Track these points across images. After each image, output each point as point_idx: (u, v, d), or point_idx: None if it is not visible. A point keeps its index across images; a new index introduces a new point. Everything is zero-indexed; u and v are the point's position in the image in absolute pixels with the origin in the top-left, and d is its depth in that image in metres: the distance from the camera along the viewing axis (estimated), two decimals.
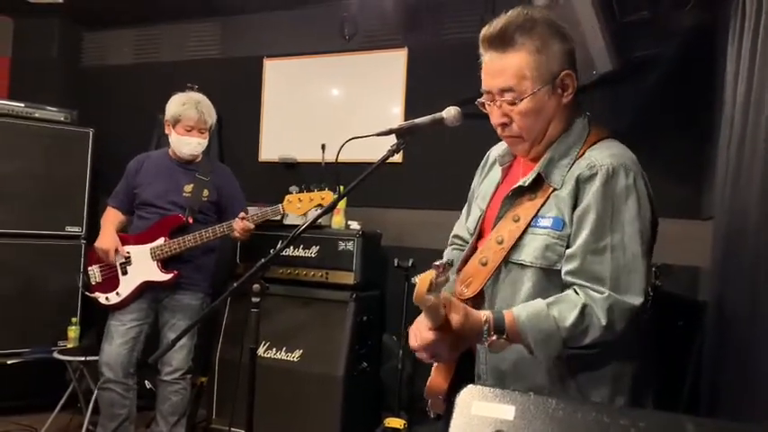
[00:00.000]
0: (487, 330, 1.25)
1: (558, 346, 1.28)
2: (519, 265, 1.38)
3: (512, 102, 1.36)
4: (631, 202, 1.32)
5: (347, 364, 3.09)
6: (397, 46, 3.79)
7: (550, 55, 1.36)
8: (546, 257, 1.35)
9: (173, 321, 2.99)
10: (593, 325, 1.27)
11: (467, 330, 1.25)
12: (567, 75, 1.38)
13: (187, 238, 2.90)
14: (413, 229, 3.66)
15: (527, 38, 1.34)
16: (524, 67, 1.34)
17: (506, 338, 1.26)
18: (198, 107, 3.01)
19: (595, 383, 1.36)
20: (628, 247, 1.30)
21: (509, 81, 1.35)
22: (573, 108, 1.44)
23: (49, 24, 4.45)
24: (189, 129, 3.02)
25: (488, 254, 1.42)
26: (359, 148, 2.29)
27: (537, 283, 1.36)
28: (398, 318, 3.37)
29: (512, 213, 1.42)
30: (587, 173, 1.34)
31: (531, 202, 1.40)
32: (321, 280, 3.27)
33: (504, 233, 1.41)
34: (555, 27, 1.38)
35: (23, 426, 3.54)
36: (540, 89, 1.35)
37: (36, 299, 3.86)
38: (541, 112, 1.38)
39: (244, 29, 4.23)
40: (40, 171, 3.89)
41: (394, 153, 1.82)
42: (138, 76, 4.48)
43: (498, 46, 1.36)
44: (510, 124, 1.40)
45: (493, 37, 1.37)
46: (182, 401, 3.02)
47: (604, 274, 1.29)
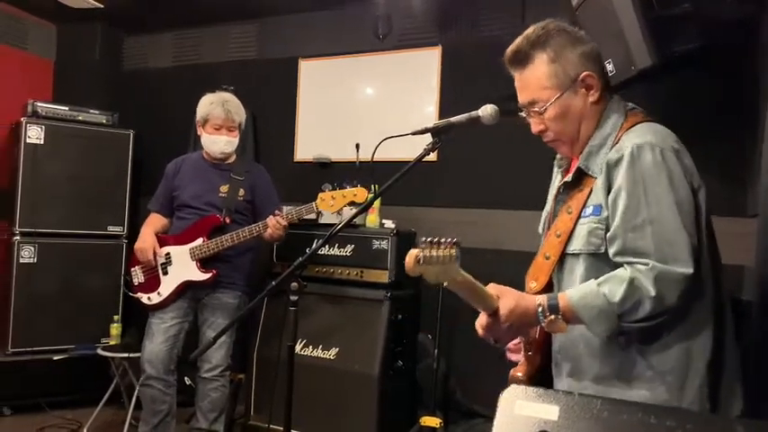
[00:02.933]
0: (542, 312, 1.34)
1: (613, 322, 1.32)
2: (573, 255, 1.47)
3: (540, 112, 1.49)
4: (662, 176, 1.36)
5: (383, 362, 3.09)
6: (430, 44, 3.78)
7: (566, 61, 1.46)
8: (591, 242, 1.42)
9: (212, 319, 3.04)
10: (643, 297, 1.30)
11: (521, 313, 1.35)
12: (587, 76, 1.47)
13: (224, 238, 2.95)
14: (447, 227, 3.64)
15: (541, 51, 1.47)
16: (542, 78, 1.47)
17: (561, 318, 1.34)
18: (225, 105, 3.05)
19: (668, 363, 1.38)
20: (666, 219, 1.34)
21: (532, 94, 1.49)
22: (606, 103, 1.51)
23: (92, 29, 4.56)
24: (217, 127, 3.06)
25: (550, 248, 1.52)
26: (393, 147, 2.30)
27: (588, 268, 1.44)
28: (433, 317, 3.36)
29: (565, 207, 1.52)
30: (615, 156, 1.41)
31: (579, 193, 1.49)
32: (356, 278, 3.28)
33: (560, 227, 1.50)
34: (568, 34, 1.50)
35: (69, 420, 3.64)
36: (561, 95, 1.46)
37: (80, 297, 3.97)
38: (568, 114, 1.48)
39: (280, 30, 4.27)
40: (83, 172, 4.00)
41: (430, 152, 1.84)
42: (177, 79, 4.55)
43: (518, 64, 1.51)
44: (546, 131, 1.52)
45: (512, 57, 1.52)
46: (221, 398, 3.06)
47: (647, 248, 1.33)
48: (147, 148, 4.28)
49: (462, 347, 3.54)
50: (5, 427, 3.57)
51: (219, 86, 3.45)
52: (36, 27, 4.50)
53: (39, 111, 3.93)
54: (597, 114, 1.50)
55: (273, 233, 2.92)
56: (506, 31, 3.61)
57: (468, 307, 3.78)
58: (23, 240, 3.81)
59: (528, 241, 1.71)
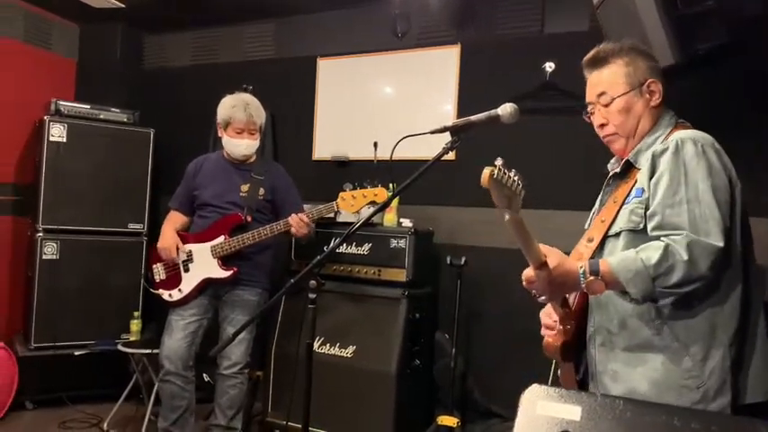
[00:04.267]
0: (584, 273, 1.45)
1: (648, 284, 1.43)
2: (613, 236, 1.63)
3: (607, 103, 1.69)
4: (702, 165, 1.51)
5: (400, 361, 3.09)
6: (449, 42, 3.77)
7: (637, 68, 1.68)
8: (631, 220, 1.58)
9: (232, 316, 3.06)
10: (676, 261, 1.42)
11: (563, 272, 1.45)
12: (652, 83, 1.68)
13: (246, 236, 2.96)
14: (465, 226, 3.63)
15: (618, 57, 1.70)
16: (617, 74, 1.69)
17: (601, 279, 1.45)
18: (247, 109, 3.07)
19: (692, 335, 1.50)
20: (702, 199, 1.48)
21: (604, 87, 1.70)
22: (661, 111, 1.71)
23: (113, 29, 4.60)
24: (239, 131, 3.08)
25: (593, 232, 1.68)
26: (411, 145, 2.30)
27: (627, 244, 1.57)
28: (451, 316, 3.36)
29: (612, 197, 1.70)
30: (660, 148, 1.59)
31: (625, 184, 1.67)
32: (373, 277, 3.28)
33: (605, 213, 1.67)
34: (640, 49, 1.73)
35: (89, 415, 3.70)
36: (629, 91, 1.67)
37: (100, 293, 4.01)
38: (631, 110, 1.67)
39: (297, 29, 4.28)
40: (105, 170, 4.04)
41: (449, 151, 1.84)
42: (196, 78, 4.59)
43: (595, 65, 1.73)
44: (607, 124, 1.70)
45: (591, 59, 1.74)
46: (239, 395, 3.08)
47: (682, 222, 1.47)
48: (167, 146, 4.32)
49: (480, 347, 3.54)
50: (28, 420, 3.63)
51: (238, 86, 3.47)
52: (60, 27, 4.56)
53: (61, 109, 3.98)
54: (654, 119, 1.69)
55: (298, 231, 2.93)
56: (525, 30, 3.60)
57: (485, 307, 3.76)
58: (46, 237, 3.86)
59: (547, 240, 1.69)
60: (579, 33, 3.38)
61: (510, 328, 3.32)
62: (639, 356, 1.55)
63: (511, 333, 3.31)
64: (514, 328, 3.19)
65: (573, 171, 3.31)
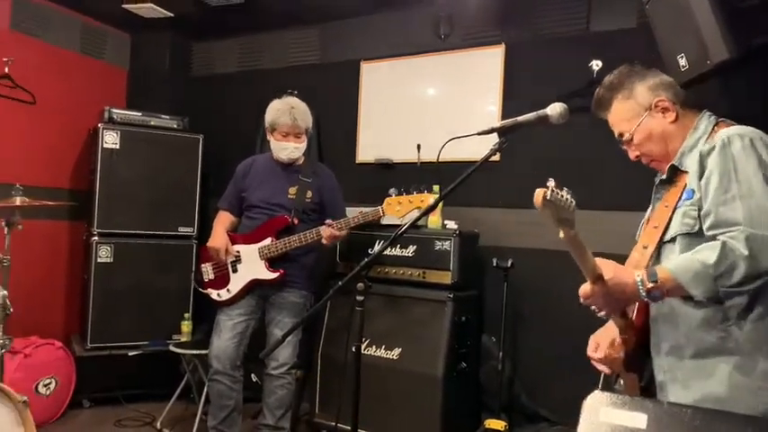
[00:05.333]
0: (641, 282, 1.41)
1: (710, 284, 1.39)
2: (669, 241, 1.60)
3: (629, 140, 1.72)
4: (751, 159, 1.48)
5: (446, 363, 3.08)
6: (493, 42, 3.74)
7: (637, 95, 1.71)
8: (685, 223, 1.55)
9: (278, 318, 3.10)
10: (737, 258, 1.37)
11: (620, 283, 1.41)
12: (659, 101, 1.68)
13: (292, 239, 3.00)
14: (511, 228, 3.60)
15: (616, 93, 1.74)
16: (622, 113, 1.73)
17: (660, 286, 1.41)
18: (292, 113, 3.10)
19: (763, 335, 1.46)
20: (756, 192, 1.44)
21: (619, 128, 1.75)
22: (689, 116, 1.69)
23: (162, 38, 4.73)
24: (285, 134, 3.12)
25: (647, 239, 1.64)
26: (456, 146, 2.29)
27: (683, 249, 1.54)
28: (497, 318, 3.33)
29: (662, 202, 1.67)
30: (707, 147, 1.56)
31: (674, 188, 1.65)
32: (418, 279, 3.28)
33: (657, 219, 1.64)
34: (637, 72, 1.74)
35: (143, 413, 3.80)
36: (640, 122, 1.69)
37: (153, 295, 4.12)
38: (652, 136, 1.69)
39: (341, 34, 4.32)
40: (155, 175, 4.15)
41: (496, 152, 1.82)
42: (243, 84, 4.68)
43: (603, 109, 1.78)
44: (641, 156, 1.74)
45: (597, 106, 1.79)
46: (287, 395, 3.12)
47: (738, 218, 1.43)
48: (215, 150, 4.41)
49: (527, 350, 3.50)
50: (86, 418, 3.75)
51: (283, 91, 3.52)
52: (112, 37, 4.71)
53: (114, 117, 4.11)
54: (681, 130, 1.68)
55: (328, 242, 2.99)
56: (571, 28, 3.54)
57: (532, 309, 3.72)
58: (101, 241, 3.99)
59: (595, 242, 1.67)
60: (626, 30, 3.31)
61: (558, 331, 3.27)
62: (710, 362, 1.50)
63: (558, 336, 3.27)
64: (562, 331, 3.15)
65: (623, 171, 3.24)
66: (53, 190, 4.12)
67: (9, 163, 3.90)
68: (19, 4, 4.03)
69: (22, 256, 2.96)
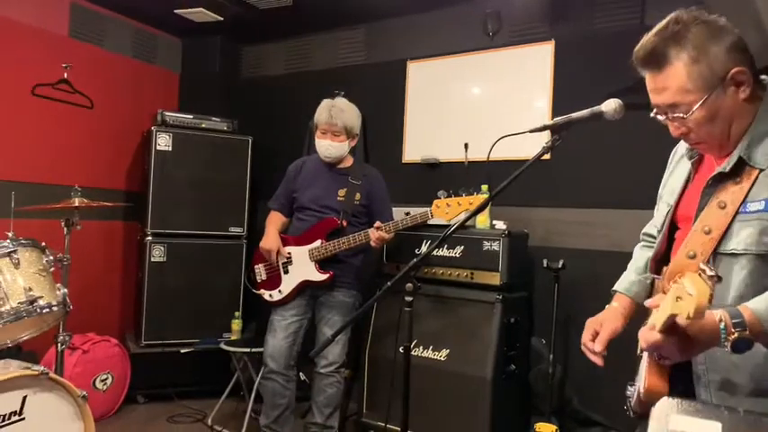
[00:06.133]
0: (725, 329, 1.11)
1: None
2: (729, 254, 1.29)
3: (682, 117, 1.31)
4: None
5: (495, 365, 3.03)
6: (542, 39, 3.68)
7: (710, 59, 1.28)
8: (764, 243, 1.25)
9: (328, 317, 3.12)
10: None
11: (697, 332, 1.13)
12: (737, 72, 1.28)
13: (342, 241, 3.02)
14: (561, 228, 3.53)
15: (680, 49, 1.28)
16: (684, 81, 1.28)
17: (749, 335, 1.11)
18: (331, 111, 3.11)
19: None
20: None
21: (672, 98, 1.31)
22: (755, 91, 1.33)
23: (212, 41, 4.82)
24: (324, 131, 3.13)
25: (695, 246, 1.32)
26: (504, 145, 2.25)
27: (754, 271, 1.26)
28: (548, 320, 3.27)
29: (716, 201, 1.32)
30: None
31: (736, 186, 1.31)
32: (466, 280, 3.24)
33: (710, 222, 1.31)
34: (708, 26, 1.30)
35: (195, 410, 3.87)
36: (707, 97, 1.28)
37: (204, 294, 4.20)
38: (717, 116, 1.31)
39: (387, 33, 4.32)
40: (207, 176, 4.23)
41: (549, 150, 1.77)
42: (290, 86, 4.73)
43: (652, 66, 1.32)
44: (688, 134, 1.36)
45: (645, 57, 1.33)
46: (336, 394, 3.14)
47: None
48: (264, 152, 4.48)
49: (578, 353, 3.40)
50: (140, 413, 3.85)
51: (330, 92, 3.55)
52: (164, 42, 4.83)
53: (167, 120, 4.21)
54: (751, 110, 1.33)
55: (376, 245, 2.99)
56: (624, 23, 3.45)
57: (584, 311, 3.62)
58: (154, 240, 4.09)
59: None
60: None
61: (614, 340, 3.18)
62: None
63: (613, 344, 3.18)
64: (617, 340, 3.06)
65: None
66: (109, 191, 4.25)
67: (68, 165, 4.05)
68: (77, 13, 4.18)
69: (80, 256, 3.06)
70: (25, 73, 3.82)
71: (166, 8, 4.25)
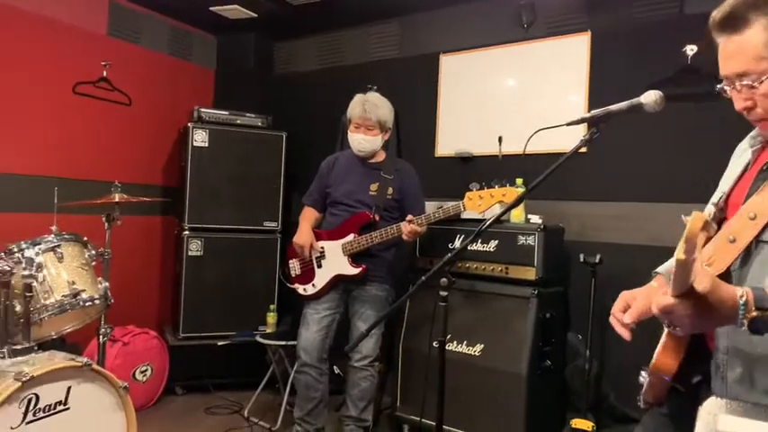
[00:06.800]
0: (745, 306, 1.05)
1: None
2: None
3: (751, 86, 1.26)
4: None
5: (530, 361, 3.00)
6: (578, 30, 3.62)
7: None
8: None
9: (362, 311, 3.13)
10: None
11: (715, 303, 1.05)
12: None
13: (374, 235, 3.02)
14: (598, 222, 3.47)
15: (760, 14, 1.23)
16: (759, 47, 1.23)
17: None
18: (364, 105, 3.12)
19: None
20: None
21: (744, 65, 1.25)
22: None
23: (246, 38, 4.87)
24: (357, 126, 3.14)
25: (738, 230, 1.27)
26: (539, 138, 2.22)
27: None
28: (584, 316, 3.22)
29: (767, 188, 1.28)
30: None
31: None
32: (501, 275, 3.21)
33: (757, 209, 1.26)
34: None
35: (231, 402, 3.93)
36: None
37: (240, 287, 4.27)
38: None
39: (420, 27, 4.30)
40: (242, 172, 4.29)
41: (587, 143, 1.75)
42: (323, 81, 4.75)
43: (729, 29, 1.27)
44: (754, 108, 1.29)
45: (722, 20, 1.28)
46: (370, 387, 3.16)
47: None
48: (297, 147, 4.51)
49: (615, 349, 3.37)
50: (179, 404, 3.93)
51: (363, 87, 3.54)
52: (199, 39, 4.90)
53: (203, 116, 4.28)
54: None
55: (408, 239, 2.97)
56: (663, 12, 3.36)
57: None
58: (191, 235, 4.16)
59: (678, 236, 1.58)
60: None
61: (647, 329, 3.12)
62: None
63: (649, 334, 3.12)
64: (652, 328, 3.00)
65: (720, 161, 3.06)
66: (147, 187, 4.34)
67: (108, 162, 4.14)
68: (115, 12, 4.26)
69: (120, 250, 3.13)
70: (66, 71, 3.92)
71: (201, 5, 4.31)
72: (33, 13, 3.76)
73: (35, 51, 3.76)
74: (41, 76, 3.80)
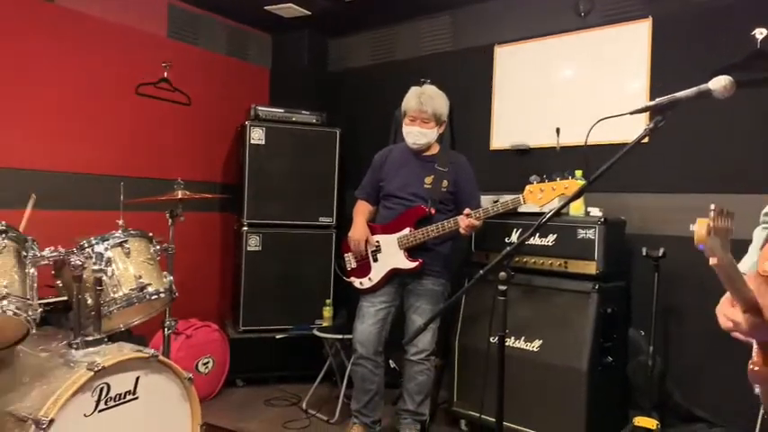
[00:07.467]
0: None
1: None
2: None
3: None
4: None
5: (591, 357, 2.93)
6: (639, 17, 3.50)
7: None
8: None
9: (417, 305, 3.13)
10: None
11: None
12: None
13: (430, 229, 3.01)
14: (661, 214, 3.36)
15: None
16: None
17: None
18: (420, 98, 3.10)
19: None
20: None
21: None
22: None
23: (300, 36, 4.93)
24: (412, 119, 3.13)
25: None
26: (597, 129, 2.16)
27: None
28: (647, 311, 3.13)
29: None
30: None
31: None
32: (560, 269, 3.15)
33: None
34: None
35: (290, 394, 4.00)
36: None
37: (297, 281, 4.33)
38: None
39: (474, 19, 4.25)
40: (297, 168, 4.35)
41: (652, 132, 1.69)
42: (376, 76, 4.76)
43: None
44: None
45: None
46: (427, 381, 3.16)
47: None
48: (351, 143, 4.54)
49: (680, 345, 3.26)
50: (239, 396, 4.02)
51: (416, 81, 3.53)
52: (255, 38, 4.99)
53: (260, 114, 4.35)
54: None
55: (466, 232, 2.94)
56: None
57: (686, 302, 3.46)
58: (250, 230, 4.25)
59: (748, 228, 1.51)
60: None
61: (714, 326, 3.00)
62: None
63: (715, 331, 2.99)
64: (719, 325, 2.89)
65: None
66: (206, 184, 4.45)
67: (170, 160, 4.28)
68: (174, 15, 4.38)
69: (183, 245, 3.22)
70: (129, 73, 4.06)
71: (256, 5, 4.38)
72: (101, 18, 3.91)
73: (101, 55, 3.91)
74: (107, 79, 3.95)
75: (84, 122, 3.84)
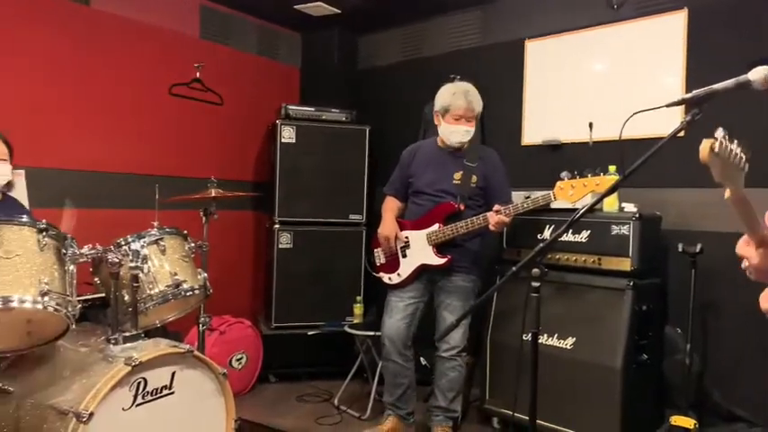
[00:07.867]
0: None
1: None
2: None
3: None
4: None
5: (626, 355, 2.89)
6: (673, 8, 3.42)
7: None
8: None
9: (448, 302, 3.12)
10: None
11: None
12: None
13: (460, 225, 3.00)
14: (698, 210, 3.29)
15: None
16: None
17: None
18: (467, 96, 3.08)
19: None
20: None
21: None
22: None
23: (330, 35, 4.95)
24: (457, 117, 3.10)
25: None
26: (631, 123, 2.12)
27: None
28: (684, 308, 3.07)
29: None
30: None
31: None
32: (593, 266, 3.10)
33: None
34: None
35: (322, 390, 4.03)
36: None
37: (327, 278, 4.36)
38: None
39: (504, 14, 4.22)
40: (328, 166, 4.37)
41: (688, 125, 1.66)
42: (405, 73, 4.75)
43: None
44: None
45: None
46: (459, 378, 3.15)
47: None
48: (380, 140, 4.54)
49: (718, 343, 3.18)
50: (272, 391, 4.07)
51: (446, 77, 3.51)
52: (285, 38, 5.03)
53: (290, 113, 4.38)
54: None
55: (496, 228, 2.93)
56: None
57: (725, 299, 3.38)
58: (282, 228, 4.29)
59: None
60: None
61: (754, 323, 2.93)
62: None
63: (755, 329, 2.93)
64: (759, 322, 2.81)
65: None
66: (239, 182, 4.51)
67: (203, 159, 4.34)
68: (206, 16, 4.44)
69: (217, 243, 3.27)
70: (163, 74, 4.13)
71: (286, 4, 4.41)
72: (135, 20, 3.98)
73: (136, 57, 3.99)
74: (141, 80, 4.02)
75: (119, 123, 3.92)
